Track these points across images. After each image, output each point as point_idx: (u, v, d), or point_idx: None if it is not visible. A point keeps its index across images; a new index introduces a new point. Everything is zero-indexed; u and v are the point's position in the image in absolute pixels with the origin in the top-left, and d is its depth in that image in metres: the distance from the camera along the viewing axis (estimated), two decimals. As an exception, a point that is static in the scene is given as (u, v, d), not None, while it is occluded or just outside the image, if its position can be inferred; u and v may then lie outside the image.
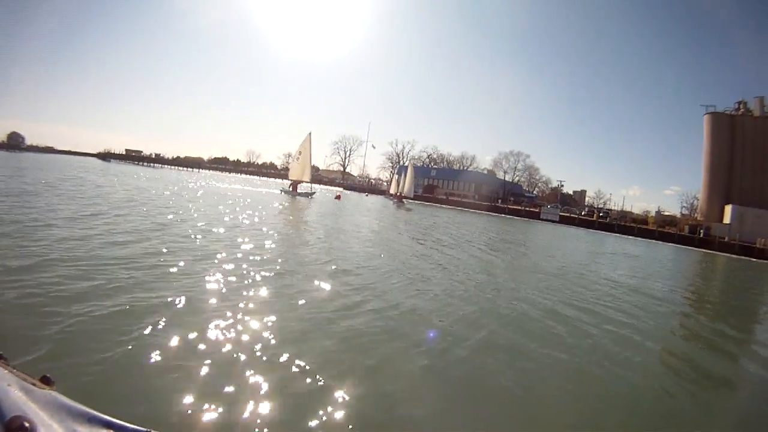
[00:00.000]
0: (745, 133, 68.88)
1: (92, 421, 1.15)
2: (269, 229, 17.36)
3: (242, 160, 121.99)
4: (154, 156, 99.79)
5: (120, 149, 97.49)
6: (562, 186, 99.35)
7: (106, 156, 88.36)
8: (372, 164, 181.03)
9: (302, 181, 48.78)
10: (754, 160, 66.62)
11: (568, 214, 74.17)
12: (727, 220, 60.86)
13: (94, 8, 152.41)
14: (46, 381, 1.22)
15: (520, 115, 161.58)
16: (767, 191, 63.73)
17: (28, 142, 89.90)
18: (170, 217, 16.80)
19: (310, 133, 49.08)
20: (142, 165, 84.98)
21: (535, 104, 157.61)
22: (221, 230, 15.13)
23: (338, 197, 52.45)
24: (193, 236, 13.05)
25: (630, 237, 58.61)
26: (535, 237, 40.67)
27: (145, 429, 1.15)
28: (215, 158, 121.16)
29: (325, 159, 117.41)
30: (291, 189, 48.30)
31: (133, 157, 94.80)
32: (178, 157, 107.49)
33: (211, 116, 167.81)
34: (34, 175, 29.76)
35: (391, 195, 75.63)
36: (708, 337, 10.31)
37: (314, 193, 49.65)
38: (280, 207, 31.93)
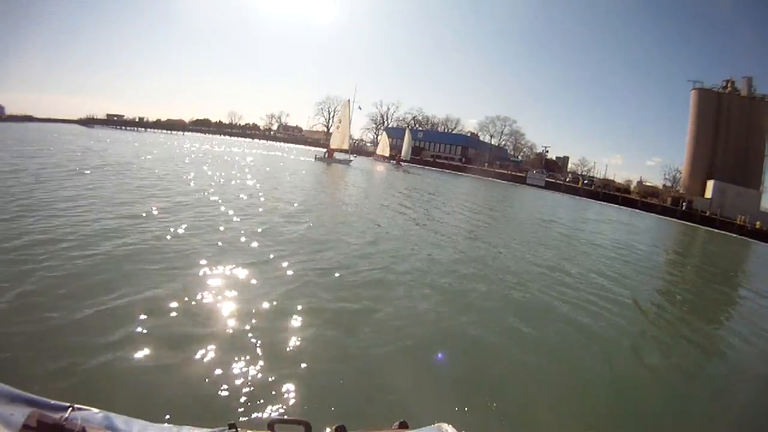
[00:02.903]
0: (730, 111, 68.78)
1: (15, 399, 1.15)
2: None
3: (224, 122, 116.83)
4: (137, 120, 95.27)
5: (100, 114, 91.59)
6: (547, 152, 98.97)
7: (88, 122, 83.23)
8: (355, 125, 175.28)
9: (340, 149, 50.23)
10: (738, 139, 66.81)
11: (553, 180, 74.18)
12: (708, 194, 61.64)
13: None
14: None
15: (506, 80, 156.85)
16: (749, 170, 64.45)
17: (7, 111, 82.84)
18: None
19: (349, 101, 50.48)
20: (125, 129, 79.93)
21: (521, 70, 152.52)
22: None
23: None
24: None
25: (614, 205, 59.44)
26: (533, 202, 42.52)
27: (68, 404, 1.18)
28: (197, 120, 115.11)
29: (308, 120, 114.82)
30: (327, 156, 48.77)
31: (115, 121, 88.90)
32: (160, 120, 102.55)
33: (190, 77, 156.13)
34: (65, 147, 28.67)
35: (382, 157, 73.53)
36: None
37: (351, 160, 50.28)
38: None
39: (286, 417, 1.58)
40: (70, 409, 1.17)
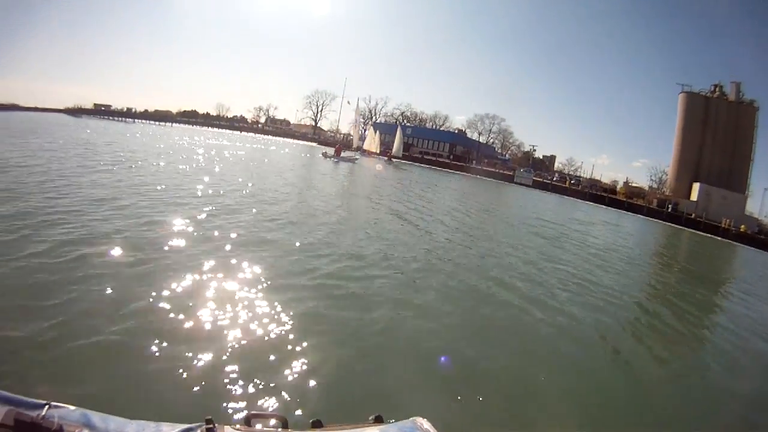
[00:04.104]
0: (718, 115, 69.45)
1: None
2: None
3: (211, 113, 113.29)
4: (125, 110, 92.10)
5: (87, 104, 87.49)
6: (534, 150, 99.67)
7: (75, 111, 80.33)
8: (343, 120, 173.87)
9: (347, 148, 53.89)
10: (725, 143, 67.47)
11: (540, 179, 74.22)
12: (694, 197, 62.23)
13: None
14: None
15: (495, 78, 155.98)
16: (734, 174, 65.21)
17: (-6, 100, 78.16)
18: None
19: (358, 100, 59.39)
20: (113, 119, 77.38)
21: (511, 68, 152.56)
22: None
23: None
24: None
25: (601, 206, 59.81)
26: (526, 202, 42.27)
27: (44, 402, 1.18)
28: (184, 111, 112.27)
29: (296, 113, 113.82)
30: (335, 154, 50.98)
31: (102, 111, 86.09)
32: (147, 111, 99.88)
33: (179, 68, 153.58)
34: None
35: (368, 152, 70.56)
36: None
37: (357, 159, 52.73)
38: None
39: (263, 412, 1.45)
40: (47, 407, 1.16)
